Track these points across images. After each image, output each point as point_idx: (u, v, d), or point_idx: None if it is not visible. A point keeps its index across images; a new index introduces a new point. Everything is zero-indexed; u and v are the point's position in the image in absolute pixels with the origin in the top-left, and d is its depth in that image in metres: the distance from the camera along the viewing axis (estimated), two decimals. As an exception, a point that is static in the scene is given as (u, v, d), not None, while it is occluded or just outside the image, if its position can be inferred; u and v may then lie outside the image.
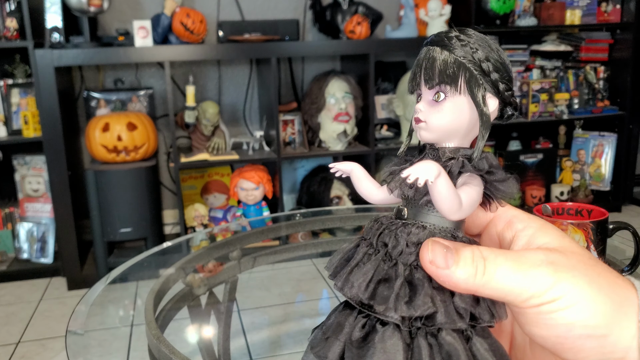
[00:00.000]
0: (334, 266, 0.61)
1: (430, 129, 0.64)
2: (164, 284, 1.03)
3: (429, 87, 0.62)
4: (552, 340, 0.33)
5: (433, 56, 0.63)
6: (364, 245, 0.62)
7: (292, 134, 2.56)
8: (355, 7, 2.49)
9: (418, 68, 0.64)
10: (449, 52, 0.63)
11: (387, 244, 0.61)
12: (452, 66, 0.61)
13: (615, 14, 2.83)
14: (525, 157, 2.98)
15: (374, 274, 0.58)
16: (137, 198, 2.23)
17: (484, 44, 0.66)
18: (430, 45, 0.63)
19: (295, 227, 1.40)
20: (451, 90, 0.64)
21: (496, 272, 0.34)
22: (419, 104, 0.62)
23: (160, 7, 2.39)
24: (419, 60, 0.64)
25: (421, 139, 0.64)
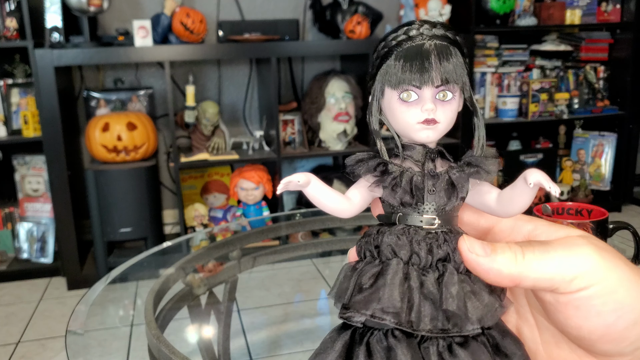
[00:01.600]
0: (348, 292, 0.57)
1: (440, 129, 0.62)
2: (163, 284, 1.03)
3: (436, 85, 0.60)
4: (600, 331, 0.31)
5: (445, 52, 0.60)
6: (394, 263, 0.58)
7: (292, 134, 2.56)
8: (355, 7, 2.49)
9: (426, 61, 0.60)
10: (457, 49, 0.62)
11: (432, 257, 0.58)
12: (462, 65, 0.60)
13: (615, 13, 2.83)
14: (525, 157, 2.98)
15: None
16: (137, 198, 2.23)
17: (471, 39, 0.65)
18: (438, 40, 0.60)
19: (295, 227, 1.40)
20: (457, 90, 0.63)
21: (535, 256, 0.32)
22: (429, 103, 0.59)
23: (160, 7, 2.39)
24: (425, 52, 0.60)
25: (424, 140, 0.62)
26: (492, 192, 0.61)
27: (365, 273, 0.57)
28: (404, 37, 0.60)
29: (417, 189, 0.60)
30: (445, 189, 0.59)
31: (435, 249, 0.57)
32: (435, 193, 0.59)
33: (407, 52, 0.59)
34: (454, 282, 0.54)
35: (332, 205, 0.62)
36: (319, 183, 0.62)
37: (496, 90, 2.80)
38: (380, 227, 0.62)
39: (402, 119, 0.61)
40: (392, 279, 0.55)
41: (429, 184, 0.60)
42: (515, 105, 2.77)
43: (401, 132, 0.63)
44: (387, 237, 0.58)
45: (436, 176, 0.60)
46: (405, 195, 0.60)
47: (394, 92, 0.60)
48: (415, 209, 0.60)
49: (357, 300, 0.55)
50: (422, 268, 0.57)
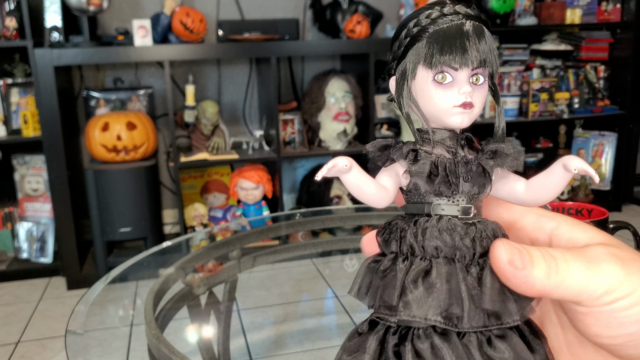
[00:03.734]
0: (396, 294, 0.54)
1: (475, 113, 0.61)
2: (163, 284, 1.02)
3: (472, 68, 0.58)
4: (622, 339, 0.31)
5: (482, 33, 0.58)
6: (438, 263, 0.56)
7: (292, 134, 2.56)
8: (355, 7, 2.49)
9: (467, 42, 0.57)
10: (488, 31, 0.60)
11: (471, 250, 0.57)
12: (493, 48, 0.59)
13: (615, 13, 2.83)
14: (526, 156, 2.97)
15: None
16: (136, 198, 2.23)
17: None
18: (473, 20, 0.58)
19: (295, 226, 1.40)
20: (487, 74, 0.61)
21: (569, 271, 0.32)
22: (467, 86, 0.57)
23: (159, 7, 2.39)
24: (464, 32, 0.57)
25: (457, 125, 0.59)
26: (518, 180, 0.60)
27: (410, 271, 0.55)
28: (438, 14, 0.57)
29: (453, 176, 0.58)
30: (478, 177, 0.58)
31: (477, 243, 0.56)
32: (470, 181, 0.57)
33: (446, 30, 0.56)
34: (494, 279, 0.54)
35: (372, 194, 0.59)
36: (360, 170, 0.59)
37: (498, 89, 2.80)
38: (415, 220, 0.59)
39: (438, 102, 0.58)
40: (441, 281, 0.53)
41: (462, 171, 0.58)
42: (515, 104, 2.76)
43: (432, 116, 0.60)
44: (430, 233, 0.56)
45: (469, 163, 0.58)
46: (442, 184, 0.58)
47: (428, 73, 0.57)
48: (450, 197, 0.58)
49: (407, 302, 0.53)
50: (466, 265, 0.55)
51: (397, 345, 0.58)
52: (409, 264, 0.57)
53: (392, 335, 0.58)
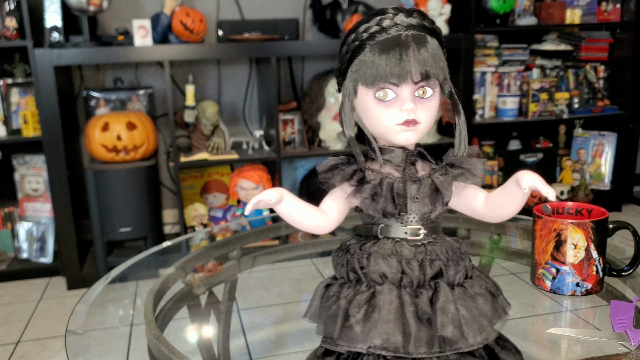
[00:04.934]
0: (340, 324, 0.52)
1: (421, 130, 0.56)
2: (163, 284, 1.02)
3: (416, 81, 0.54)
4: None
5: (423, 44, 0.53)
6: (386, 290, 0.53)
7: (292, 134, 2.56)
8: (355, 6, 2.49)
9: (404, 56, 0.53)
10: (435, 39, 0.55)
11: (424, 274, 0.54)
12: (441, 56, 0.54)
13: (615, 13, 2.83)
14: (525, 156, 2.97)
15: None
16: (136, 197, 2.23)
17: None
18: (414, 30, 0.53)
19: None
20: (437, 86, 0.56)
21: None
22: (409, 102, 0.53)
23: (159, 7, 2.39)
24: (402, 46, 0.52)
25: (404, 143, 0.56)
26: (478, 195, 0.56)
27: (353, 300, 0.52)
28: (377, 29, 0.53)
29: (400, 196, 0.54)
30: (429, 194, 0.54)
31: (427, 266, 0.53)
32: (419, 200, 0.54)
33: (382, 45, 0.52)
34: (449, 303, 0.50)
35: (308, 222, 0.57)
36: (292, 199, 0.56)
37: (496, 89, 2.80)
38: (363, 243, 0.56)
39: (379, 121, 0.55)
40: (387, 311, 0.50)
41: (411, 190, 0.54)
42: (515, 104, 2.76)
43: (378, 135, 0.57)
44: (374, 260, 0.53)
45: (418, 181, 0.55)
46: (387, 205, 0.54)
47: (368, 90, 0.54)
48: (398, 219, 0.55)
49: (348, 332, 0.51)
50: (415, 289, 0.52)
51: None
52: (353, 293, 0.55)
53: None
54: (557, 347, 0.90)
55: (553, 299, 0.93)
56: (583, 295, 0.89)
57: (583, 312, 0.95)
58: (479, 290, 0.55)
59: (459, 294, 0.54)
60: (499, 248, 1.26)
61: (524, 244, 1.19)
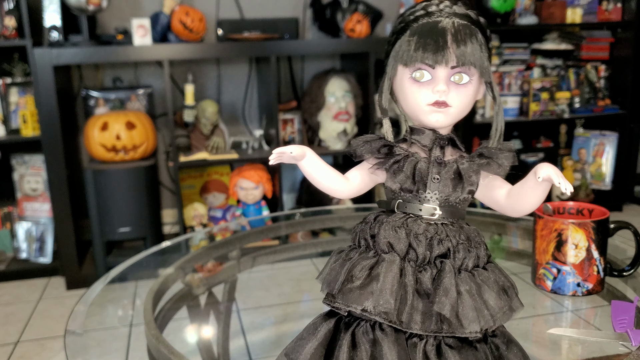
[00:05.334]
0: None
1: (452, 114, 0.57)
2: (163, 284, 1.02)
3: (452, 66, 0.55)
4: None
5: (464, 32, 0.54)
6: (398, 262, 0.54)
7: (292, 133, 2.55)
8: (355, 6, 2.49)
9: (442, 40, 0.54)
10: (478, 30, 0.56)
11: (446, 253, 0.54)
12: (482, 48, 0.54)
13: (616, 12, 2.83)
14: (526, 156, 2.97)
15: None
16: (136, 197, 2.22)
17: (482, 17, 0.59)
18: (457, 18, 0.54)
19: (295, 226, 1.39)
20: (475, 74, 0.57)
21: None
22: (441, 84, 0.54)
23: (159, 6, 2.38)
24: (441, 30, 0.54)
25: (434, 125, 0.57)
26: (503, 187, 0.57)
27: (358, 264, 0.54)
28: (421, 13, 0.54)
29: (420, 175, 0.55)
30: (451, 178, 0.55)
31: (435, 244, 0.53)
32: (440, 182, 0.55)
33: (422, 28, 0.54)
34: (450, 283, 0.51)
35: (327, 182, 0.58)
36: (315, 158, 0.58)
37: (497, 89, 2.79)
38: (379, 215, 0.58)
39: (412, 100, 0.56)
40: (385, 276, 0.51)
41: (433, 171, 0.55)
42: (516, 104, 2.76)
43: (411, 114, 0.58)
44: (384, 229, 0.55)
45: (443, 164, 0.56)
46: (406, 181, 0.55)
47: (406, 70, 0.56)
48: (416, 196, 0.56)
49: (348, 292, 0.52)
50: (420, 264, 0.53)
51: (342, 334, 0.57)
52: (359, 257, 0.56)
53: (343, 324, 0.57)
54: (558, 348, 0.89)
55: (554, 299, 0.93)
56: (584, 295, 0.89)
57: (584, 312, 0.94)
58: (488, 281, 0.55)
59: (464, 278, 0.54)
60: (500, 248, 1.25)
61: (525, 244, 1.19)
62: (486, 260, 0.59)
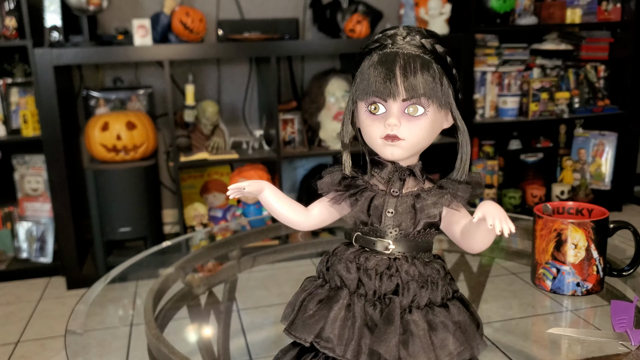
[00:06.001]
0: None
1: (405, 147, 0.56)
2: (163, 284, 1.02)
3: (403, 99, 0.54)
4: None
5: (414, 63, 0.53)
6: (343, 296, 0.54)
7: (292, 133, 2.56)
8: (355, 6, 2.49)
9: (390, 73, 0.53)
10: (432, 59, 0.54)
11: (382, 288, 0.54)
12: (437, 78, 0.53)
13: (615, 12, 2.83)
14: (526, 156, 2.97)
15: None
16: (136, 197, 2.22)
17: (443, 41, 0.57)
18: (410, 49, 0.53)
19: (295, 226, 1.39)
20: (431, 105, 0.56)
21: None
22: (392, 118, 0.54)
23: (159, 6, 2.38)
24: (390, 63, 0.53)
25: (389, 157, 0.56)
26: (460, 222, 0.55)
27: (313, 297, 0.54)
28: (375, 45, 0.54)
29: (375, 209, 0.55)
30: (407, 211, 0.54)
31: (385, 279, 0.52)
32: (395, 216, 0.54)
33: (374, 60, 0.53)
34: (394, 322, 0.50)
35: (286, 214, 0.58)
36: (273, 192, 0.57)
37: (496, 89, 2.80)
38: (338, 247, 0.58)
39: (368, 133, 0.56)
40: (334, 312, 0.51)
41: (389, 205, 0.54)
42: (515, 104, 2.76)
43: (370, 147, 0.58)
44: (337, 263, 0.54)
45: (399, 197, 0.55)
46: (361, 214, 0.55)
47: (362, 103, 0.56)
48: (372, 229, 0.55)
49: (299, 324, 0.52)
50: (370, 299, 0.52)
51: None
52: (316, 289, 0.57)
53: (307, 353, 0.57)
54: (558, 347, 0.89)
55: (553, 298, 0.93)
56: (583, 295, 0.89)
57: (583, 312, 0.94)
58: (443, 320, 0.53)
59: (414, 316, 0.53)
60: (500, 248, 1.25)
61: (525, 243, 1.19)
62: (450, 296, 0.57)
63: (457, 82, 0.56)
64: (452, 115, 0.56)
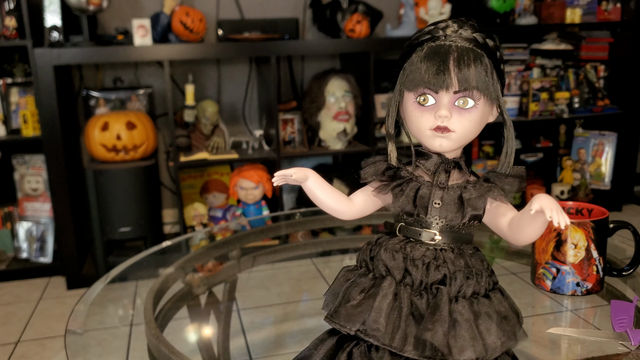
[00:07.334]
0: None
1: (455, 139, 0.56)
2: (163, 284, 1.02)
3: (455, 91, 0.54)
4: None
5: (467, 55, 0.53)
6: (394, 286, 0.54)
7: (292, 133, 2.56)
8: (355, 6, 2.49)
9: (444, 64, 0.54)
10: (484, 53, 0.55)
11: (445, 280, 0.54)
12: (488, 71, 0.53)
13: (615, 12, 2.83)
14: (526, 156, 2.97)
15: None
16: (136, 197, 2.22)
17: (495, 39, 0.58)
18: (462, 42, 0.54)
19: (295, 226, 1.39)
20: (481, 98, 0.56)
21: None
22: (443, 110, 0.54)
23: (159, 6, 2.38)
24: (444, 54, 0.53)
25: (437, 149, 0.57)
26: (507, 215, 0.56)
27: (356, 286, 0.54)
28: (427, 37, 0.54)
29: (421, 199, 0.55)
30: (453, 203, 0.54)
31: (432, 269, 0.53)
32: (442, 207, 0.54)
33: (426, 52, 0.54)
34: (444, 311, 0.50)
35: (330, 204, 0.58)
36: (318, 179, 0.58)
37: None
38: (381, 237, 0.58)
39: (416, 124, 0.56)
40: (380, 301, 0.51)
41: (435, 196, 0.55)
42: (515, 104, 2.76)
43: (416, 138, 0.58)
44: (383, 252, 0.54)
45: (446, 189, 0.55)
46: (407, 205, 0.55)
47: (411, 94, 0.55)
48: (417, 220, 0.55)
49: (343, 313, 0.52)
50: (416, 289, 0.52)
51: (340, 352, 0.57)
52: (359, 278, 0.57)
53: (347, 342, 0.57)
54: (558, 347, 0.89)
55: (553, 298, 0.93)
56: (583, 295, 0.89)
57: (583, 311, 0.94)
58: (487, 310, 0.53)
59: (461, 306, 0.53)
60: (500, 248, 1.26)
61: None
62: (491, 287, 0.58)
63: (504, 77, 0.56)
64: (500, 109, 0.57)
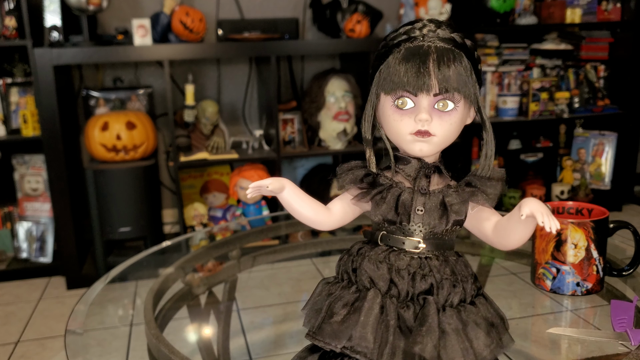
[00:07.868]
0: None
1: (436, 143, 0.55)
2: (163, 284, 1.02)
3: (435, 94, 0.53)
4: None
5: (447, 57, 0.52)
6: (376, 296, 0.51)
7: (292, 133, 2.55)
8: (355, 6, 2.49)
9: (423, 66, 0.52)
10: (463, 53, 0.53)
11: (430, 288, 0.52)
12: (467, 72, 0.52)
13: (615, 12, 2.83)
14: (526, 156, 2.97)
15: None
16: (136, 197, 2.22)
17: (471, 39, 0.56)
18: (441, 43, 0.52)
19: (295, 226, 1.39)
20: (461, 100, 0.55)
21: None
22: (423, 113, 0.52)
23: (159, 6, 2.38)
24: (423, 56, 0.52)
25: (418, 154, 0.55)
26: (491, 219, 0.54)
27: (339, 300, 0.52)
28: (404, 37, 0.52)
29: (403, 206, 0.53)
30: (436, 209, 0.53)
31: (418, 279, 0.51)
32: (424, 213, 0.52)
33: (404, 53, 0.52)
34: (433, 322, 0.49)
35: (307, 214, 0.57)
36: (293, 190, 0.56)
37: (496, 89, 2.80)
38: (363, 246, 0.56)
39: (394, 128, 0.54)
40: (366, 316, 0.49)
41: (417, 202, 0.53)
42: (515, 104, 2.76)
43: (395, 143, 0.56)
44: (367, 263, 0.52)
45: (427, 194, 0.54)
46: (389, 213, 0.53)
47: (388, 97, 0.54)
48: (400, 228, 0.54)
49: (327, 329, 0.50)
50: (402, 301, 0.51)
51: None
52: (341, 292, 0.54)
53: (330, 359, 0.55)
54: (558, 347, 0.89)
55: (553, 298, 0.93)
56: (583, 295, 0.89)
57: (583, 311, 0.94)
58: (475, 318, 0.52)
59: (449, 315, 0.52)
60: (499, 248, 1.25)
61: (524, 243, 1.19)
62: (475, 293, 0.56)
63: (481, 78, 0.55)
64: (478, 111, 0.56)
